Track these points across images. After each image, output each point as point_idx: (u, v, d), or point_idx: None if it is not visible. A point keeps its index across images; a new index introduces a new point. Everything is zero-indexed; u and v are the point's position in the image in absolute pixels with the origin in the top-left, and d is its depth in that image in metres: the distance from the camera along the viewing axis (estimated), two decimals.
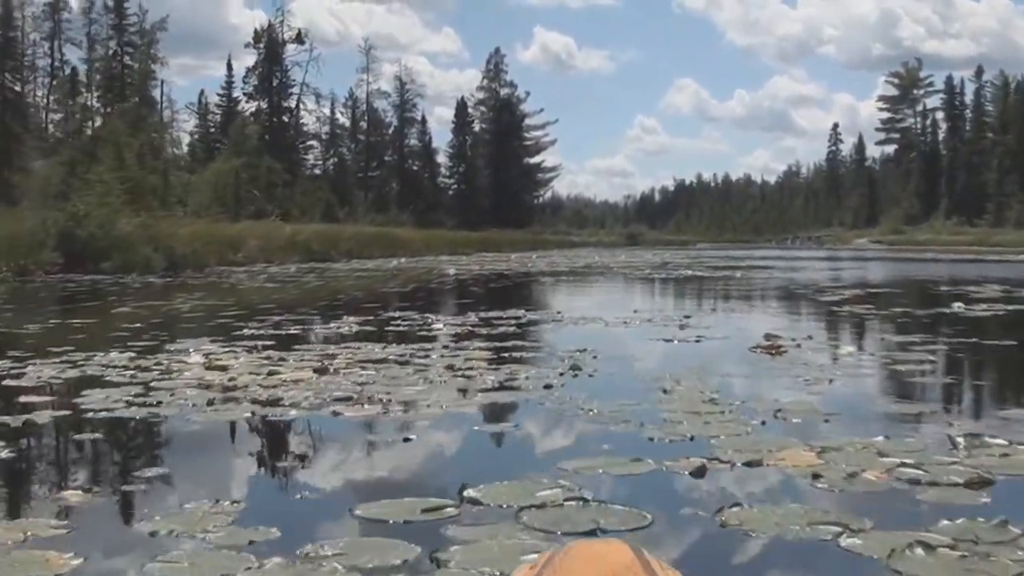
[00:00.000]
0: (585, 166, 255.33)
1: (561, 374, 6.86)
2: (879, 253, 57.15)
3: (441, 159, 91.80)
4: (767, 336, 9.06)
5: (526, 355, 7.96)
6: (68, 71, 62.04)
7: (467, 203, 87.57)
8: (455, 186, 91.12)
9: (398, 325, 10.63)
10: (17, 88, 49.44)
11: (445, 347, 8.40)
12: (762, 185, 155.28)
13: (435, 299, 16.60)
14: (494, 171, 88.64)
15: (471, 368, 7.11)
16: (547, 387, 6.29)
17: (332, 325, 10.59)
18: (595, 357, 7.77)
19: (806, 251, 65.40)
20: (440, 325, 10.44)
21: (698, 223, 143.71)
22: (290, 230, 37.76)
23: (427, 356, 7.80)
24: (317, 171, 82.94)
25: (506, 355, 7.91)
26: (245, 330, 10.02)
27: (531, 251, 56.34)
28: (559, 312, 12.27)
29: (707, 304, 14.97)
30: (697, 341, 8.99)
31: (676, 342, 8.99)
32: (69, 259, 25.93)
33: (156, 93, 71.32)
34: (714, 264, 33.18)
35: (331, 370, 7.10)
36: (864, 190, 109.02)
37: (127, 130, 53.94)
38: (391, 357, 7.78)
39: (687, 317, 11.47)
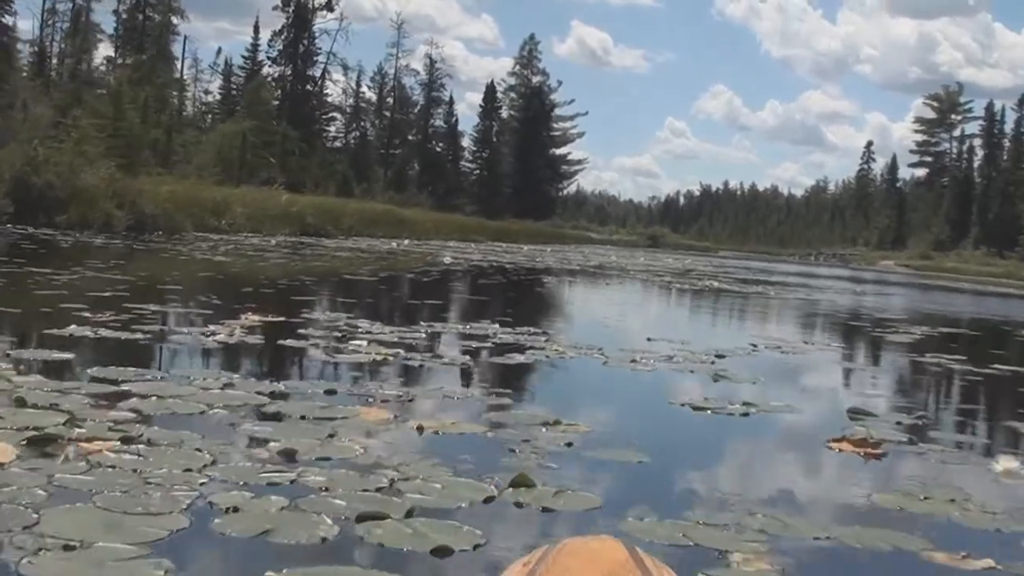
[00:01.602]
0: (612, 163, 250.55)
1: (489, 499, 3.39)
2: (908, 278, 53.47)
3: (466, 143, 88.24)
4: (852, 413, 5.61)
5: (450, 435, 4.47)
6: (84, 15, 58.29)
7: (488, 190, 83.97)
8: (477, 171, 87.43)
9: (304, 337, 7.17)
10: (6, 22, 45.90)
11: (326, 394, 4.96)
12: (788, 198, 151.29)
13: (396, 295, 13.07)
14: (519, 159, 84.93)
15: (322, 464, 3.65)
16: (442, 552, 2.83)
17: (211, 328, 7.11)
18: (570, 444, 4.31)
19: (832, 269, 61.71)
20: (362, 342, 6.96)
21: (721, 230, 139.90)
22: (285, 200, 34.28)
23: (273, 418, 4.36)
24: (338, 144, 79.61)
25: (417, 425, 4.45)
26: (72, 327, 6.59)
27: (546, 244, 52.88)
28: (546, 333, 8.79)
29: (743, 333, 11.44)
30: (744, 415, 5.49)
31: (710, 412, 5.50)
32: (21, 208, 22.62)
33: (178, 49, 68.47)
34: (741, 276, 29.62)
35: (62, 440, 3.66)
36: (893, 211, 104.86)
37: (130, 81, 50.70)
38: (214, 411, 4.36)
39: (721, 357, 7.99)
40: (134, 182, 26.57)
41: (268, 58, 72.23)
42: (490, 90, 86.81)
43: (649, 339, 9.03)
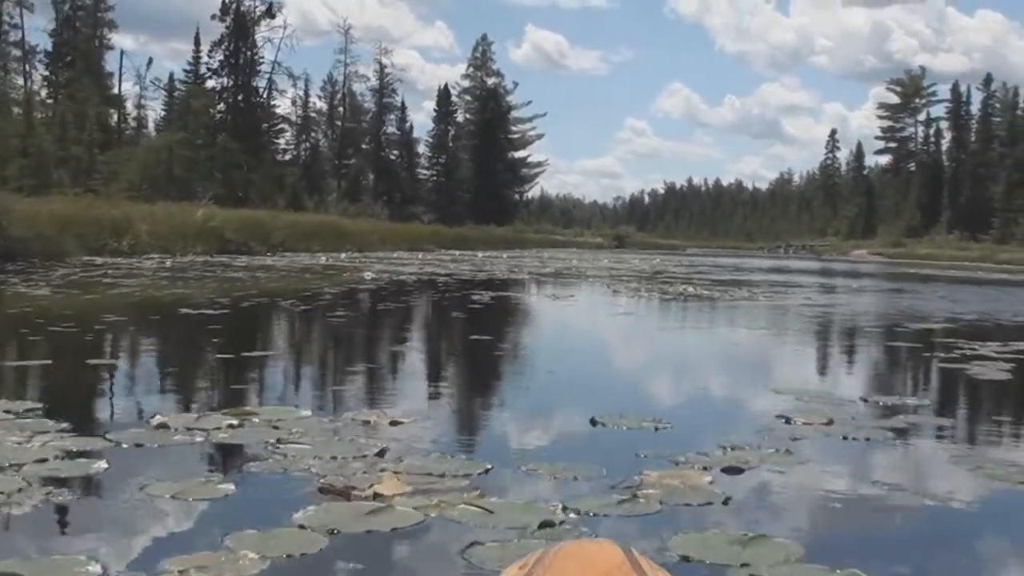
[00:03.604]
0: (574, 166, 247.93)
1: None
2: (887, 267, 49.56)
3: (422, 150, 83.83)
4: None
5: None
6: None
7: (446, 196, 79.59)
8: (434, 178, 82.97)
9: None
10: None
11: None
12: (753, 192, 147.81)
13: (211, 343, 8.21)
14: (477, 163, 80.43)
15: None
16: None
17: None
18: None
19: (807, 262, 57.64)
20: None
21: (688, 227, 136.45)
22: (201, 215, 29.87)
23: None
24: (289, 156, 75.10)
25: None
26: None
27: (505, 250, 48.65)
28: (398, 423, 4.56)
29: (753, 382, 7.13)
30: None
31: None
32: None
33: (113, 65, 63.97)
34: (717, 277, 25.42)
35: None
36: (862, 199, 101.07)
37: (55, 98, 46.65)
38: None
39: (735, 472, 3.80)
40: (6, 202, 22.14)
41: (209, 70, 67.45)
42: (444, 94, 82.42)
43: (594, 422, 4.79)
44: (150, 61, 71.64)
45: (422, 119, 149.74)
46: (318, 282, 16.64)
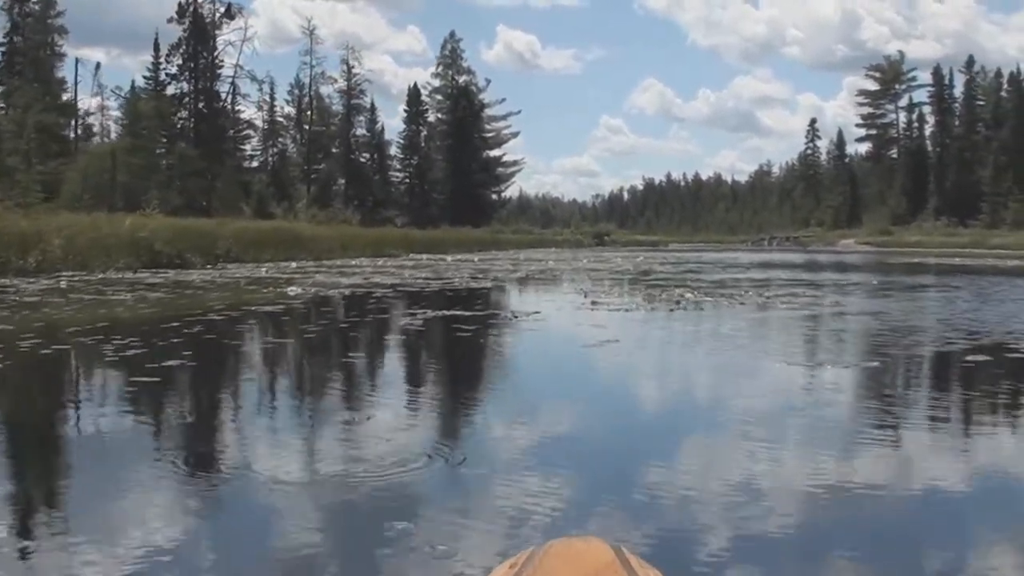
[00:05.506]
0: (552, 165, 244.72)
1: None
2: (881, 257, 46.06)
3: (393, 152, 79.98)
4: None
5: None
6: None
7: (420, 199, 75.88)
8: (407, 180, 79.12)
9: None
10: None
11: None
12: (733, 185, 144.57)
13: None
14: (451, 164, 76.71)
15: None
16: None
17: None
18: None
19: (797, 254, 53.99)
20: None
21: (669, 223, 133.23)
22: (129, 224, 26.11)
23: None
24: (255, 163, 71.40)
25: None
26: None
27: (480, 252, 45.03)
28: None
29: (888, 557, 3.26)
30: None
31: None
32: None
33: (67, 74, 60.29)
34: (711, 276, 21.78)
35: None
36: (845, 188, 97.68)
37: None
38: None
39: None
40: None
41: (167, 75, 63.55)
42: (414, 93, 78.64)
43: None
44: (98, 66, 67.46)
45: (397, 124, 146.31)
46: (216, 303, 12.88)
